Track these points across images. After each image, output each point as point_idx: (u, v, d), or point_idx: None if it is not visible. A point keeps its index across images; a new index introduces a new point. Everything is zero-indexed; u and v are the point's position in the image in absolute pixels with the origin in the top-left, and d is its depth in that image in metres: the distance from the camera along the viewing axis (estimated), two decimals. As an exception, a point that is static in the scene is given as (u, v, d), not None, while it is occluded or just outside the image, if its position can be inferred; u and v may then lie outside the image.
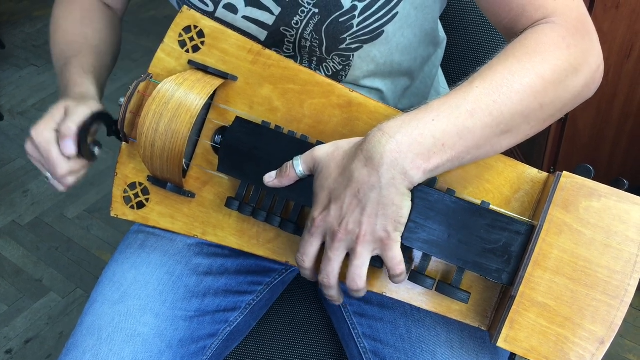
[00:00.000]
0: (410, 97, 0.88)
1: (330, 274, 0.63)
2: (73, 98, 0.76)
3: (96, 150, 0.76)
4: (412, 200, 0.63)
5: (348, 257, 0.62)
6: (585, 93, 0.67)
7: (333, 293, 0.65)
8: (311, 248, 0.63)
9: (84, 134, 0.72)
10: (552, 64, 0.62)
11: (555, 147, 1.62)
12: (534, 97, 0.61)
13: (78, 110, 0.73)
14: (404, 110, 0.70)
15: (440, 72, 0.97)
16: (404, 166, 0.58)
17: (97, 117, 0.74)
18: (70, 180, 0.75)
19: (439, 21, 0.86)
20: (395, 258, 0.61)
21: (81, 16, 0.90)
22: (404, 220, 0.61)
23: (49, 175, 0.75)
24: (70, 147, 0.71)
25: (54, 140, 0.72)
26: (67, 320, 1.69)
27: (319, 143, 0.68)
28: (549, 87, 0.62)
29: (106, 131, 0.78)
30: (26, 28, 3.00)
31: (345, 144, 0.62)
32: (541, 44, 0.62)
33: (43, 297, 1.75)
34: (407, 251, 0.66)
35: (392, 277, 0.63)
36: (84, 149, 0.73)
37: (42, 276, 1.81)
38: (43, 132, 0.72)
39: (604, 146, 1.62)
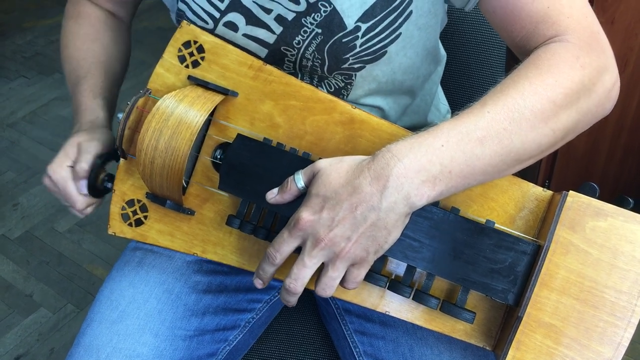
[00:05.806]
0: (411, 114, 0.87)
1: (300, 280, 0.60)
2: (84, 130, 0.82)
3: (109, 184, 0.79)
4: (416, 219, 0.62)
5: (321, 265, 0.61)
6: (599, 112, 0.66)
7: (294, 300, 0.63)
8: (287, 247, 0.61)
9: (94, 175, 0.78)
10: (564, 86, 0.61)
11: (550, 161, 1.62)
12: (545, 124, 0.60)
13: (90, 147, 0.78)
14: (405, 128, 0.69)
15: (439, 88, 0.96)
16: (409, 192, 0.57)
17: (106, 158, 0.79)
18: (89, 210, 0.82)
19: (439, 39, 0.86)
20: (358, 276, 0.61)
21: (89, 32, 0.92)
22: (388, 246, 0.60)
23: (67, 205, 0.81)
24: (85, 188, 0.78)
25: (69, 178, 0.78)
26: (57, 336, 1.66)
27: (321, 160, 0.67)
28: (561, 112, 0.61)
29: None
30: (16, 39, 2.97)
31: (350, 159, 0.61)
32: (554, 65, 0.62)
33: (33, 312, 1.73)
34: (411, 270, 0.66)
35: (342, 285, 0.62)
36: (97, 187, 0.79)
37: (33, 291, 1.79)
38: (59, 170, 0.78)
39: (599, 160, 1.62)
